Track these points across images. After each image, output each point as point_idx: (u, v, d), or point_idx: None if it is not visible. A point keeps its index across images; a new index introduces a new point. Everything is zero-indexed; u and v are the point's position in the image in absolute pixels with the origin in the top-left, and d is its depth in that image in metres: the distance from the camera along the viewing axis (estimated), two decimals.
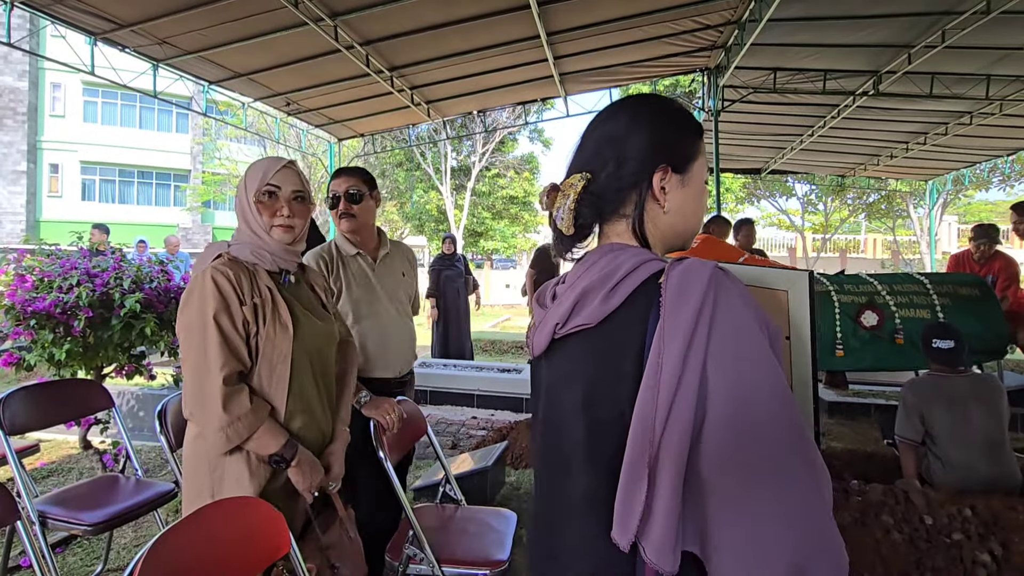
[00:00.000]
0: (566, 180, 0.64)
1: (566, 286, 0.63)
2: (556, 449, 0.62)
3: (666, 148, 0.63)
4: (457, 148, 17.03)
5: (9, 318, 2.54)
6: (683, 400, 0.49)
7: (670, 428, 0.49)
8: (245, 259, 1.13)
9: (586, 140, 0.66)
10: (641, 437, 0.51)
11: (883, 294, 3.42)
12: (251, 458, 1.09)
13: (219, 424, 1.03)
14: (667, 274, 0.54)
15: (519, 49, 4.69)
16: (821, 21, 4.21)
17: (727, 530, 0.49)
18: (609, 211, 0.63)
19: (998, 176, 12.63)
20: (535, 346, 0.65)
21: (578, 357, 0.60)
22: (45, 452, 2.88)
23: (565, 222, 0.62)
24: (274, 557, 1.03)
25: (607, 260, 0.60)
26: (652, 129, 0.63)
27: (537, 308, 0.68)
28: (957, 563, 1.78)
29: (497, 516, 1.66)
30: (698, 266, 0.53)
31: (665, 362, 0.50)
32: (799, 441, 0.50)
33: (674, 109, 0.66)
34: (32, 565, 1.46)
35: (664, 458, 0.50)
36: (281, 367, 1.11)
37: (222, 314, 1.05)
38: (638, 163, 0.62)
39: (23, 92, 16.31)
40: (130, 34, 4.03)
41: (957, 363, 2.24)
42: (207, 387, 1.03)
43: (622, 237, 0.63)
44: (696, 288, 0.51)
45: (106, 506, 1.73)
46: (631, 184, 0.62)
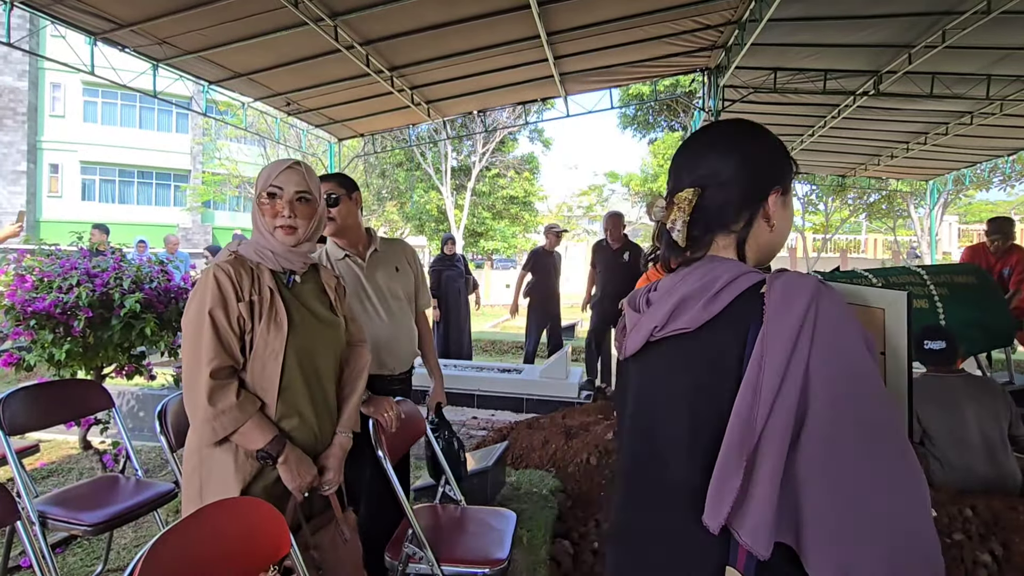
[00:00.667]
0: (679, 193, 0.67)
1: (661, 293, 0.68)
2: (650, 442, 0.67)
3: (779, 171, 0.68)
4: (457, 148, 17.03)
5: (9, 318, 2.53)
6: (786, 398, 0.53)
7: (772, 422, 0.53)
8: (249, 258, 1.16)
9: (697, 155, 0.69)
10: (740, 430, 0.55)
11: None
12: (238, 452, 1.10)
13: (204, 416, 1.06)
14: (770, 284, 0.58)
15: (519, 49, 4.69)
16: (821, 21, 4.21)
17: (823, 523, 0.52)
18: (718, 225, 0.66)
19: (999, 176, 12.62)
20: (627, 347, 0.70)
21: (676, 358, 0.64)
22: (45, 452, 2.88)
23: (681, 234, 0.65)
24: (274, 557, 1.03)
25: (705, 271, 0.64)
26: (768, 153, 0.68)
27: (629, 312, 0.72)
28: (958, 563, 1.78)
29: (497, 516, 1.66)
30: (801, 278, 0.57)
31: (768, 363, 0.54)
32: (900, 440, 0.53)
33: (774, 135, 0.71)
34: (32, 565, 1.46)
35: (765, 450, 0.54)
36: (272, 365, 1.12)
37: (218, 309, 1.08)
38: (756, 184, 0.66)
39: (23, 92, 16.32)
40: (130, 34, 4.03)
41: (950, 363, 2.25)
42: (196, 380, 1.06)
43: (725, 251, 0.67)
44: (800, 298, 0.55)
45: (106, 506, 1.73)
46: (747, 203, 0.66)
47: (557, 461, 2.68)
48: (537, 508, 2.16)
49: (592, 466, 2.48)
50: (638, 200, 21.54)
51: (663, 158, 18.11)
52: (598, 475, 2.42)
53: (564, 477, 2.49)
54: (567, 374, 4.21)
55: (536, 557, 1.88)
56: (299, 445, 1.15)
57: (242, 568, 0.99)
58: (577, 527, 2.14)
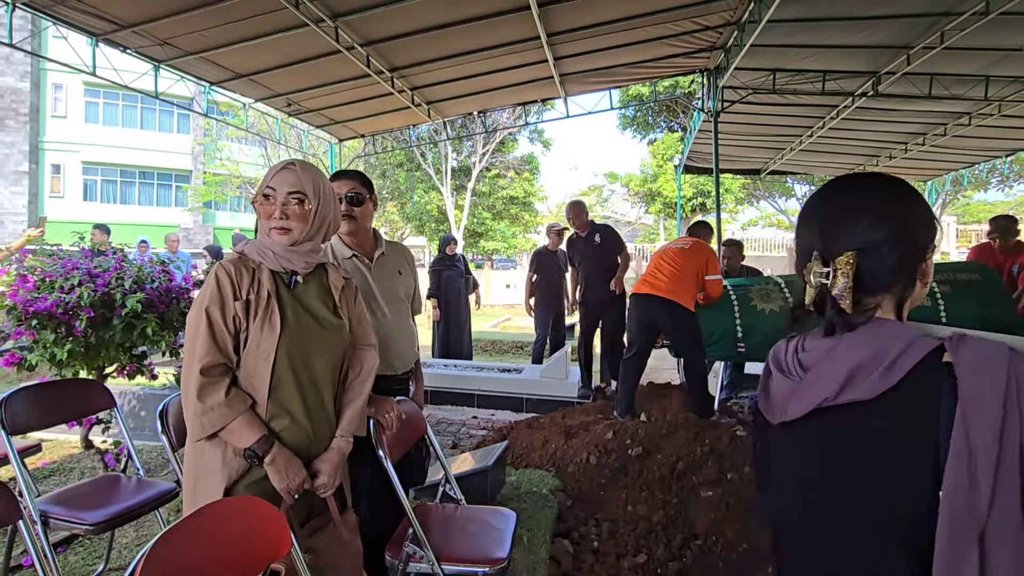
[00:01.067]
0: (839, 257, 0.65)
1: (818, 358, 0.66)
2: (813, 509, 0.68)
3: (932, 230, 0.67)
4: (457, 149, 17.05)
5: (11, 318, 2.54)
6: (1007, 476, 0.52)
7: (999, 504, 0.53)
8: (252, 257, 1.18)
9: (853, 216, 0.67)
10: (962, 511, 0.54)
11: None
12: (227, 450, 1.11)
13: (194, 412, 1.08)
14: (955, 353, 0.57)
15: (519, 50, 4.70)
16: (820, 22, 4.22)
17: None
18: (881, 288, 0.66)
19: (996, 177, 12.64)
20: (786, 413, 0.68)
21: (843, 428, 0.64)
22: (47, 452, 2.88)
23: (847, 300, 0.64)
24: (275, 557, 1.03)
25: (872, 336, 0.62)
26: (924, 212, 0.67)
27: (778, 375, 0.71)
28: None
29: (497, 515, 1.67)
30: (987, 345, 0.56)
31: (976, 440, 0.53)
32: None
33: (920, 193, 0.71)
34: (34, 564, 1.47)
35: (999, 532, 0.53)
36: (263, 365, 1.12)
37: (214, 307, 1.11)
38: (917, 246, 0.66)
39: (25, 93, 16.34)
40: (131, 35, 4.04)
41: None
42: (189, 376, 1.09)
43: (884, 311, 0.66)
44: (997, 366, 0.54)
45: (108, 506, 1.73)
46: (908, 265, 0.65)
47: (557, 461, 2.68)
48: (537, 507, 2.17)
49: (592, 465, 2.49)
50: (638, 200, 21.57)
51: (662, 158, 18.12)
52: (598, 475, 2.43)
53: (564, 477, 2.50)
54: (567, 374, 4.22)
55: (536, 556, 1.88)
56: (290, 446, 1.14)
57: (243, 567, 0.99)
58: (577, 526, 2.14)
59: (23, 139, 16.35)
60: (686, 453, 2.37)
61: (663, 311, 3.07)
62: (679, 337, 3.19)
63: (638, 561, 1.93)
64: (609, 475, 2.40)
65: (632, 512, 2.18)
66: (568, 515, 2.21)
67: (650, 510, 2.16)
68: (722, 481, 2.17)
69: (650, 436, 2.55)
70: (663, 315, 3.09)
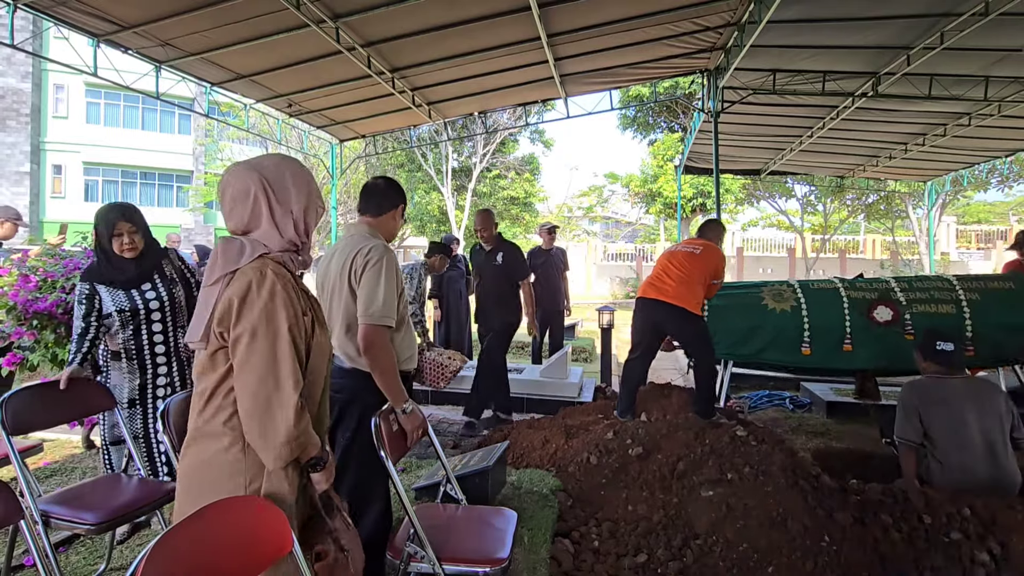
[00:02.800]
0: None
1: None
2: None
3: None
4: (458, 149, 17.06)
5: (11, 318, 2.55)
6: None
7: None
8: (288, 266, 1.11)
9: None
10: None
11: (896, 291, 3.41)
12: (289, 465, 1.07)
13: (287, 438, 1.00)
14: None
15: (520, 51, 4.71)
16: (820, 23, 4.22)
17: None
18: None
19: (996, 177, 12.62)
20: None
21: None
22: (48, 452, 2.89)
23: None
24: (276, 556, 1.03)
25: None
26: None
27: None
28: (956, 562, 1.79)
29: (498, 515, 1.67)
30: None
31: None
32: None
33: None
34: (35, 564, 1.47)
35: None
36: (322, 375, 1.14)
37: (295, 326, 1.03)
38: None
39: (26, 93, 16.37)
40: (133, 36, 4.05)
41: (957, 365, 2.27)
42: (278, 401, 1.00)
43: None
44: None
45: (109, 505, 1.74)
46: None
47: (557, 460, 2.68)
48: (537, 507, 2.17)
49: (592, 465, 2.49)
50: (638, 201, 21.56)
51: (663, 159, 18.12)
52: (598, 474, 2.43)
53: (564, 476, 2.50)
54: (567, 374, 4.22)
55: (537, 556, 1.89)
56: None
57: (244, 567, 0.99)
58: (577, 526, 2.15)
59: (24, 139, 16.37)
60: (686, 453, 2.37)
61: (670, 317, 3.04)
62: (689, 341, 3.17)
63: (638, 561, 1.94)
64: (609, 475, 2.40)
65: (632, 512, 2.18)
66: (568, 515, 2.21)
67: (650, 510, 2.16)
68: (722, 481, 2.17)
69: (650, 436, 2.55)
70: (670, 321, 3.07)
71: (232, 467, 1.04)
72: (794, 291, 3.56)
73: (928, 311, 3.32)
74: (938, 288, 3.44)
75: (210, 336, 1.04)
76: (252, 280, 1.02)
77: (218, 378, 1.05)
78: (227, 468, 1.04)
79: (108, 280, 2.03)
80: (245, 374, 1.00)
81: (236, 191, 1.10)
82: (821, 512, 1.96)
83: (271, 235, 1.10)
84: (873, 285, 3.59)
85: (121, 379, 2.10)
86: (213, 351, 1.05)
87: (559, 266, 4.93)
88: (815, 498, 2.02)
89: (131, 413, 2.11)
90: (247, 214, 1.10)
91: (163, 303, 2.12)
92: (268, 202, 1.09)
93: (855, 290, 3.52)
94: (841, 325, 3.35)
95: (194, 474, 1.06)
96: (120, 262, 2.04)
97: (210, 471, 1.04)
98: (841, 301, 3.42)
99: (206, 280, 1.07)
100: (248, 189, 1.09)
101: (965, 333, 3.26)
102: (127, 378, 2.10)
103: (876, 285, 3.59)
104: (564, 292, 5.00)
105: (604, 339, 5.03)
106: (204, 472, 1.05)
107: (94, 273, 2.05)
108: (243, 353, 1.00)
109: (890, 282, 3.59)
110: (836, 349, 3.35)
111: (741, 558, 1.88)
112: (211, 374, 1.05)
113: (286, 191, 1.12)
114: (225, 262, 1.05)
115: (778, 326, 3.42)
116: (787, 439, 2.93)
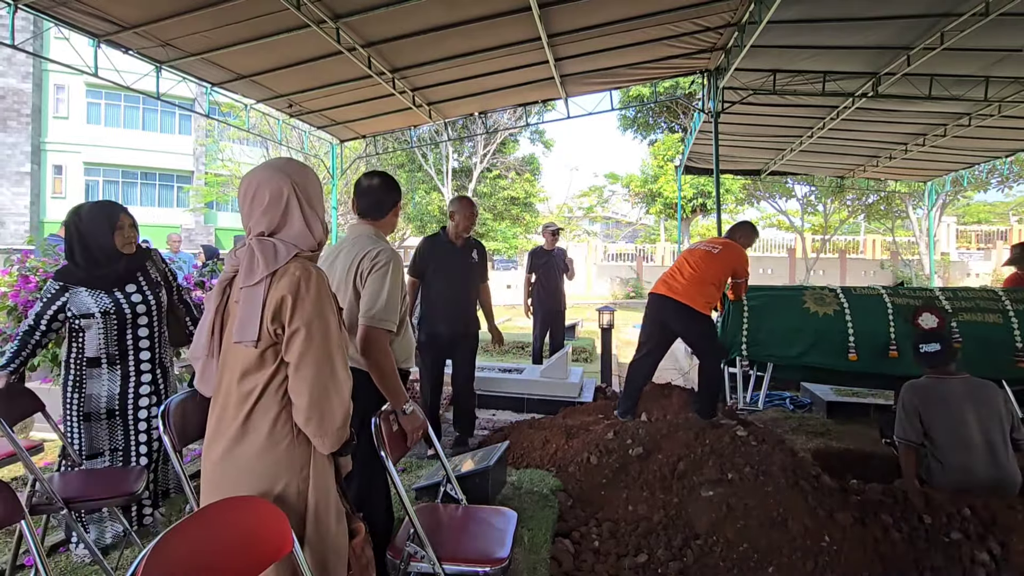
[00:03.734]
0: None
1: None
2: None
3: None
4: (458, 149, 17.07)
5: (12, 319, 2.55)
6: None
7: None
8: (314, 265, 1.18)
9: None
10: None
11: (941, 299, 3.37)
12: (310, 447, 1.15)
13: (343, 422, 1.10)
14: None
15: (520, 51, 4.71)
16: (820, 23, 4.22)
17: None
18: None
19: (996, 177, 12.63)
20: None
21: None
22: (49, 452, 2.89)
23: None
24: (276, 556, 1.03)
25: None
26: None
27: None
28: (956, 562, 1.79)
29: (498, 515, 1.67)
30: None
31: None
32: None
33: None
34: (35, 564, 1.47)
35: None
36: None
37: (337, 318, 1.15)
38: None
39: (27, 94, 16.38)
40: (133, 36, 4.05)
41: (947, 365, 2.28)
42: (334, 388, 1.08)
43: None
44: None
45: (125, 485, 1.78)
46: None
47: (558, 460, 2.69)
48: (538, 507, 2.17)
49: (592, 465, 2.49)
50: (638, 201, 21.57)
51: (663, 159, 18.13)
52: (599, 474, 2.43)
53: (565, 477, 2.50)
54: (567, 374, 4.23)
55: (537, 556, 1.89)
56: None
57: (245, 567, 0.99)
58: (578, 526, 2.15)
59: (25, 140, 16.38)
60: (687, 453, 2.37)
61: (674, 315, 3.03)
62: (694, 341, 3.16)
63: (639, 561, 1.94)
64: (610, 475, 2.40)
65: (633, 512, 2.18)
66: (569, 515, 2.21)
67: (651, 510, 2.16)
68: (723, 481, 2.17)
69: (651, 436, 2.55)
70: (674, 318, 3.05)
71: (285, 459, 1.09)
72: (836, 296, 3.47)
73: (974, 320, 3.23)
74: (983, 298, 3.37)
75: (262, 334, 1.06)
76: (300, 277, 1.07)
77: (268, 375, 1.08)
78: (281, 461, 1.08)
79: (89, 281, 1.90)
80: (305, 367, 1.06)
81: (271, 193, 1.13)
82: (821, 512, 1.96)
83: (303, 236, 1.13)
84: (917, 293, 3.52)
85: (99, 388, 1.94)
86: (263, 349, 1.07)
87: (560, 267, 4.93)
88: (815, 498, 2.02)
89: (110, 424, 1.97)
90: (279, 215, 1.13)
91: (149, 306, 2.01)
92: (300, 204, 1.14)
93: (899, 296, 3.44)
94: (886, 331, 3.26)
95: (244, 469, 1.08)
96: (106, 260, 1.91)
97: (262, 465, 1.08)
98: (885, 307, 3.34)
99: (246, 280, 1.08)
100: (282, 191, 1.13)
101: (1015, 344, 3.18)
102: (106, 387, 1.95)
103: (920, 293, 3.52)
104: (563, 291, 5.00)
105: (604, 339, 5.03)
106: (256, 466, 1.08)
107: (70, 274, 1.89)
108: (301, 346, 1.06)
109: (934, 290, 3.53)
110: (882, 355, 3.26)
111: (741, 558, 1.88)
112: (260, 372, 1.08)
113: (314, 194, 1.17)
114: (266, 262, 1.08)
115: (820, 330, 3.32)
116: (787, 439, 2.93)
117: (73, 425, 1.96)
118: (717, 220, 5.86)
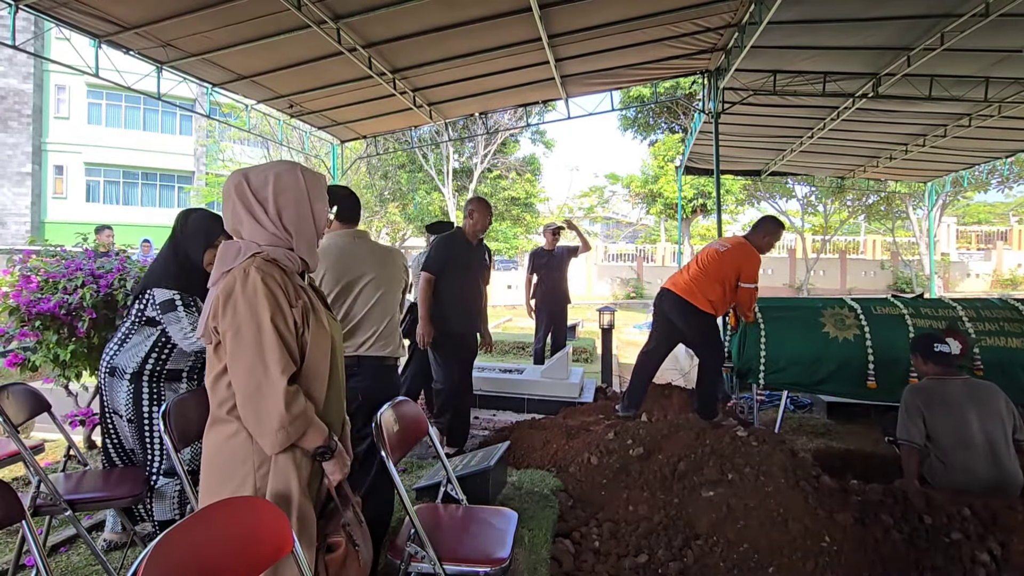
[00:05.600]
0: None
1: None
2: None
3: None
4: (459, 150, 17.07)
5: (14, 319, 2.55)
6: None
7: None
8: (279, 260, 1.15)
9: None
10: None
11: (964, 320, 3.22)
12: (295, 453, 1.12)
13: (280, 424, 1.06)
14: None
15: (520, 52, 4.72)
16: (820, 24, 4.22)
17: None
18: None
19: (996, 178, 12.63)
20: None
21: None
22: (49, 452, 2.89)
23: None
24: (277, 556, 1.03)
25: None
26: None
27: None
28: (956, 562, 1.79)
29: (498, 515, 1.67)
30: None
31: None
32: None
33: None
34: (36, 564, 1.47)
35: None
36: (322, 365, 1.16)
37: (277, 316, 1.08)
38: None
39: (28, 94, 16.39)
40: (134, 36, 4.06)
41: (955, 365, 2.30)
42: (267, 388, 1.06)
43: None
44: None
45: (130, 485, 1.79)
46: None
47: (558, 461, 2.69)
48: (538, 508, 2.17)
49: (593, 466, 2.49)
50: (638, 201, 21.57)
51: (663, 159, 18.13)
52: (599, 475, 2.43)
53: (565, 477, 2.50)
54: (568, 374, 4.23)
55: (537, 556, 1.89)
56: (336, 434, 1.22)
57: (245, 567, 0.99)
58: (578, 527, 2.15)
59: (26, 140, 16.39)
60: (687, 453, 2.37)
61: (676, 310, 3.06)
62: (691, 337, 3.17)
63: (639, 561, 1.94)
64: (610, 475, 2.40)
65: (633, 512, 2.18)
66: (569, 515, 2.21)
67: (651, 510, 2.16)
68: (723, 481, 2.17)
69: (651, 436, 2.55)
70: (677, 314, 3.08)
71: (241, 452, 1.11)
72: (856, 316, 3.30)
73: (998, 344, 3.09)
74: (1008, 319, 3.22)
75: (208, 332, 1.12)
76: (236, 278, 1.09)
77: (220, 370, 1.12)
78: (237, 453, 1.11)
79: (195, 293, 1.85)
80: (235, 365, 1.08)
81: (224, 195, 1.19)
82: (822, 512, 1.96)
83: (256, 232, 1.15)
84: (939, 312, 3.33)
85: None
86: (215, 346, 1.12)
87: (561, 267, 4.93)
88: (816, 498, 2.02)
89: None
90: (230, 215, 1.17)
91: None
92: (247, 204, 1.15)
93: (921, 318, 3.26)
94: (906, 358, 3.05)
95: (210, 459, 1.14)
96: (201, 276, 1.84)
97: (222, 455, 1.12)
98: (907, 330, 3.19)
99: (211, 282, 1.15)
100: (228, 191, 1.17)
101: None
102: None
103: (943, 311, 3.32)
104: (565, 292, 5.00)
105: (604, 339, 5.03)
106: (218, 456, 1.13)
107: (180, 281, 1.83)
108: (231, 346, 1.08)
109: (957, 308, 3.34)
110: (902, 383, 3.08)
111: (742, 558, 1.88)
112: (215, 367, 1.13)
113: (264, 190, 1.15)
114: (222, 264, 1.13)
115: (840, 357, 3.16)
116: (788, 439, 2.93)
117: (155, 440, 1.84)
118: (717, 220, 5.87)
